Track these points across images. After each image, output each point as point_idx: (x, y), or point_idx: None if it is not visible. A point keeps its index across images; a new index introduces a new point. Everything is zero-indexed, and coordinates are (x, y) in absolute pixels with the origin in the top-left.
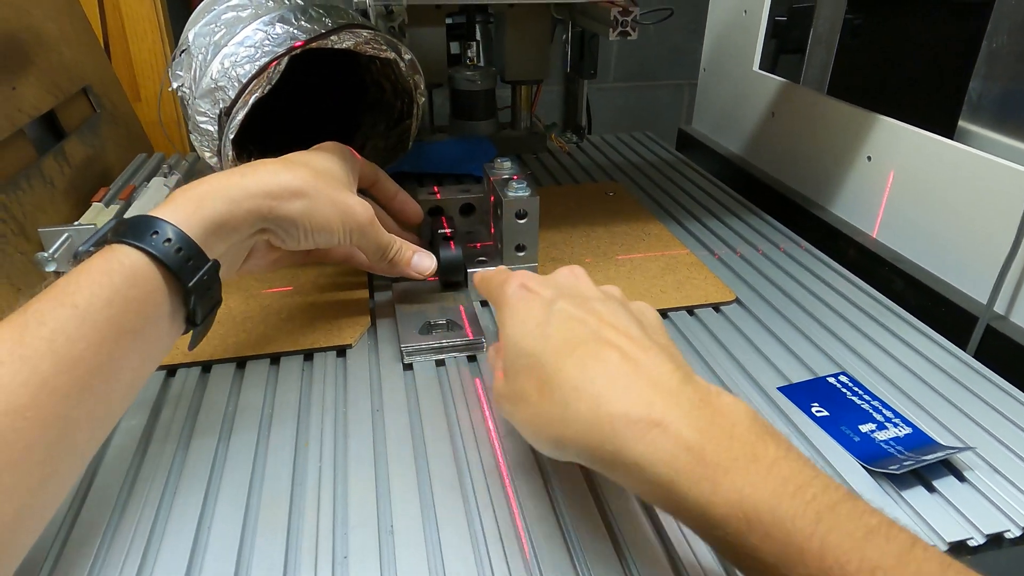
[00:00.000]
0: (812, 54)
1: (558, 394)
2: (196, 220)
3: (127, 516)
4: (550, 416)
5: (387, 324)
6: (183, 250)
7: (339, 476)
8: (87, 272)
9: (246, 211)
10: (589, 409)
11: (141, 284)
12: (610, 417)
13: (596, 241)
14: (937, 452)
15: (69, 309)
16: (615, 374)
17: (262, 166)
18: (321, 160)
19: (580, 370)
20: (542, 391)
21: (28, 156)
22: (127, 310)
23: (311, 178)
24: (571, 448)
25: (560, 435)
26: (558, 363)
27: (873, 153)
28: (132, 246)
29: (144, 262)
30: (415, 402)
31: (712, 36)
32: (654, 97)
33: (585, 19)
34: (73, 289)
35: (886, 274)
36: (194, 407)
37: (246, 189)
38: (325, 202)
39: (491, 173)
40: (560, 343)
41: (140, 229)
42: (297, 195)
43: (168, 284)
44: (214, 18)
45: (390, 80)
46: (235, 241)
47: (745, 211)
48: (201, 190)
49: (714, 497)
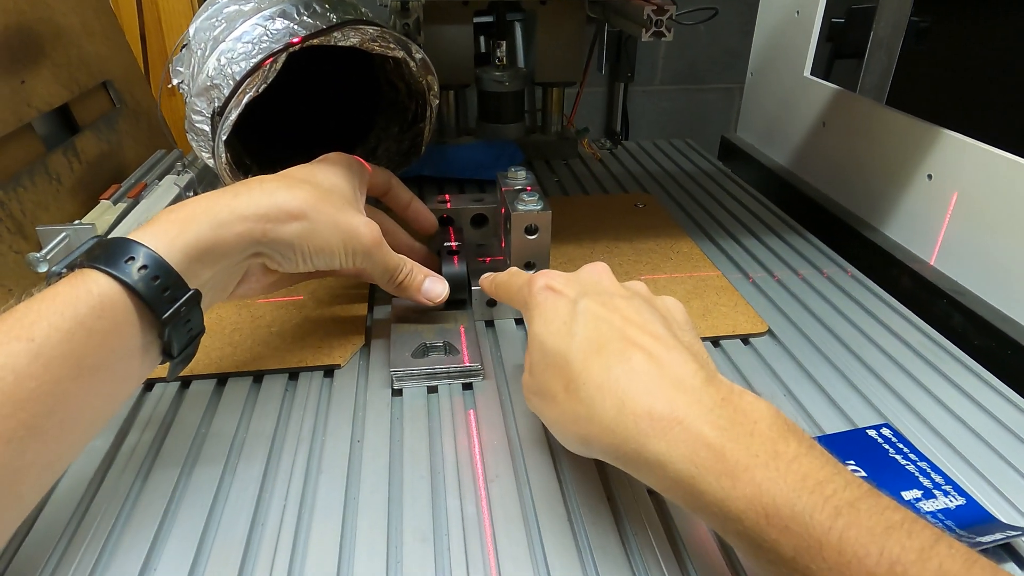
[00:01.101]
0: (871, 59)
1: (584, 393)
2: (179, 245)
3: (68, 555)
4: (576, 414)
5: (383, 343)
6: (160, 279)
7: (302, 524)
8: (50, 299)
9: (236, 235)
10: (613, 407)
11: (109, 315)
12: (634, 415)
13: (619, 258)
14: (996, 533)
15: (24, 343)
16: (639, 373)
17: (257, 185)
18: (325, 175)
19: (605, 370)
20: (568, 389)
21: (35, 151)
22: (89, 344)
23: (311, 198)
24: (596, 445)
25: (586, 433)
26: (584, 363)
27: (934, 171)
28: (103, 272)
29: (115, 290)
30: (399, 434)
31: (761, 38)
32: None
33: (619, 19)
34: (32, 319)
35: (944, 308)
36: (163, 430)
37: (236, 211)
38: (326, 224)
39: (504, 183)
40: (585, 343)
41: (114, 254)
42: (295, 217)
43: (140, 315)
44: (216, 11)
45: (404, 80)
46: (224, 266)
47: (787, 229)
48: (186, 212)
49: (733, 492)
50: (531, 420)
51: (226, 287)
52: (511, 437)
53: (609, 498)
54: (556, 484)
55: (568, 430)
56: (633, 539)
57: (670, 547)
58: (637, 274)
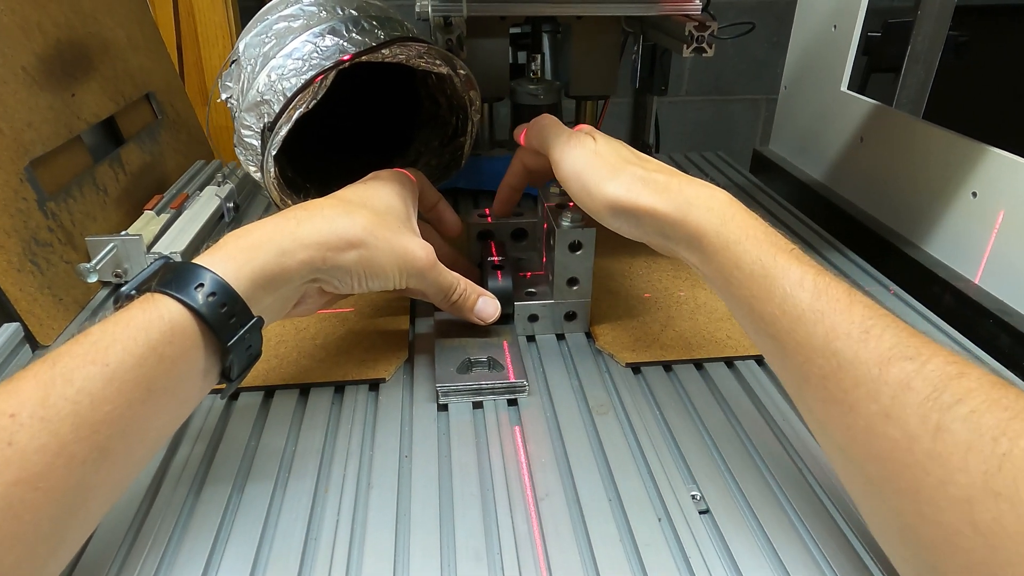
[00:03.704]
0: (908, 74)
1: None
2: (245, 273)
3: (126, 568)
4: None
5: (426, 357)
6: (227, 306)
7: (355, 539)
8: (124, 324)
9: (299, 263)
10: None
11: (179, 341)
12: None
13: (658, 273)
14: None
15: (99, 367)
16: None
17: (317, 211)
18: (380, 197)
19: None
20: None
21: (83, 162)
22: (159, 369)
23: (369, 224)
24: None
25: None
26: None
27: (979, 189)
28: (174, 298)
29: (184, 316)
30: (446, 450)
31: (796, 51)
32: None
33: (657, 33)
34: (107, 344)
35: (990, 328)
36: (214, 443)
37: (299, 239)
38: (383, 250)
39: (545, 199)
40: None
41: (184, 279)
42: (353, 245)
43: (206, 340)
44: (265, 28)
45: (445, 95)
46: (284, 292)
47: (825, 245)
48: (252, 239)
49: (724, 228)
50: (578, 437)
51: (284, 309)
52: (558, 454)
53: (660, 519)
54: (607, 503)
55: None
56: (687, 559)
57: (725, 565)
58: (676, 290)
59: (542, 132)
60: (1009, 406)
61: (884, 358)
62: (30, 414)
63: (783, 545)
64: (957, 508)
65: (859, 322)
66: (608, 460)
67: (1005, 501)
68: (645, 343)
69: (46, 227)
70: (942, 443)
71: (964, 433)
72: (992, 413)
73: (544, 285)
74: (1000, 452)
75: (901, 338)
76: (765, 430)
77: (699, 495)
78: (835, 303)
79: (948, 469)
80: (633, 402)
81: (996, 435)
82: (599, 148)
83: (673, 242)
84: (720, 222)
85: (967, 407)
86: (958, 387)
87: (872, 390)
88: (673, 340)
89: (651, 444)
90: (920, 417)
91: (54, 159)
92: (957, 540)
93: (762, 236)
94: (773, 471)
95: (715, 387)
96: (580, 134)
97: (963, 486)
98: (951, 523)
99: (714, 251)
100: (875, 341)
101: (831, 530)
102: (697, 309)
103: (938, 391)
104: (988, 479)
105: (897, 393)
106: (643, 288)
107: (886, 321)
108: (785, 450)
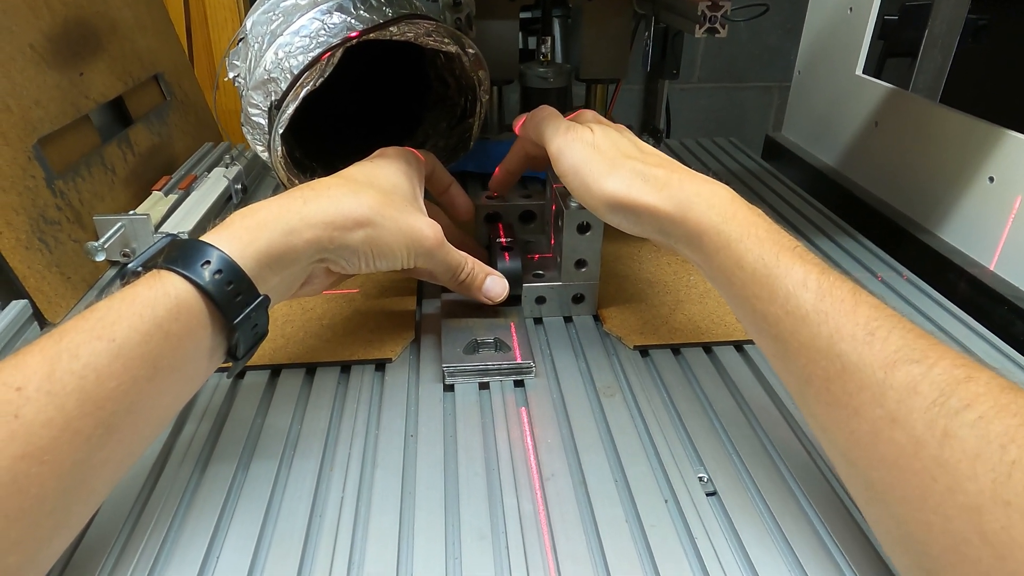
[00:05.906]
0: (925, 58)
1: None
2: (251, 252)
3: (130, 545)
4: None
5: (433, 338)
6: (233, 284)
7: (360, 518)
8: (130, 300)
9: (305, 242)
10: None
11: (184, 318)
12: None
13: (667, 257)
14: None
15: (105, 343)
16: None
17: (324, 191)
18: (387, 175)
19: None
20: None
21: (91, 142)
22: (165, 346)
23: (377, 203)
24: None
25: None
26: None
27: (996, 174)
28: (180, 275)
29: (191, 293)
30: (452, 431)
31: (811, 35)
32: (741, 99)
33: (670, 14)
34: (113, 319)
35: (1005, 315)
36: (219, 421)
37: (306, 218)
38: (390, 229)
39: (553, 180)
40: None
41: (190, 256)
42: (360, 224)
43: (212, 318)
44: (273, 5)
45: (454, 75)
46: (291, 271)
47: (838, 231)
48: (259, 218)
49: (726, 225)
50: (584, 418)
51: (290, 289)
52: (564, 435)
53: (666, 501)
54: (613, 485)
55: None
56: (693, 541)
57: (732, 547)
58: (687, 274)
59: (539, 125)
60: (1018, 412)
61: (890, 361)
62: (36, 388)
63: (790, 527)
64: (965, 517)
65: (864, 323)
66: (615, 442)
67: (1016, 511)
68: (653, 326)
69: (54, 205)
70: (949, 449)
71: (972, 440)
72: (1000, 419)
73: (552, 268)
74: (1009, 460)
75: (907, 340)
76: (774, 413)
77: (706, 477)
78: (840, 303)
79: (956, 477)
80: (640, 384)
81: (1005, 442)
82: (597, 141)
83: (673, 240)
84: (721, 220)
85: (975, 413)
86: (966, 392)
87: (877, 394)
88: (682, 324)
89: (658, 426)
90: (927, 422)
91: (62, 138)
92: (964, 549)
93: (764, 234)
94: (781, 454)
95: (724, 370)
96: (578, 126)
97: (972, 494)
98: (959, 532)
99: (715, 250)
100: (880, 343)
101: (838, 511)
102: (706, 293)
103: (945, 395)
104: (997, 487)
105: (903, 397)
106: (652, 271)
107: (892, 322)
108: (794, 433)
